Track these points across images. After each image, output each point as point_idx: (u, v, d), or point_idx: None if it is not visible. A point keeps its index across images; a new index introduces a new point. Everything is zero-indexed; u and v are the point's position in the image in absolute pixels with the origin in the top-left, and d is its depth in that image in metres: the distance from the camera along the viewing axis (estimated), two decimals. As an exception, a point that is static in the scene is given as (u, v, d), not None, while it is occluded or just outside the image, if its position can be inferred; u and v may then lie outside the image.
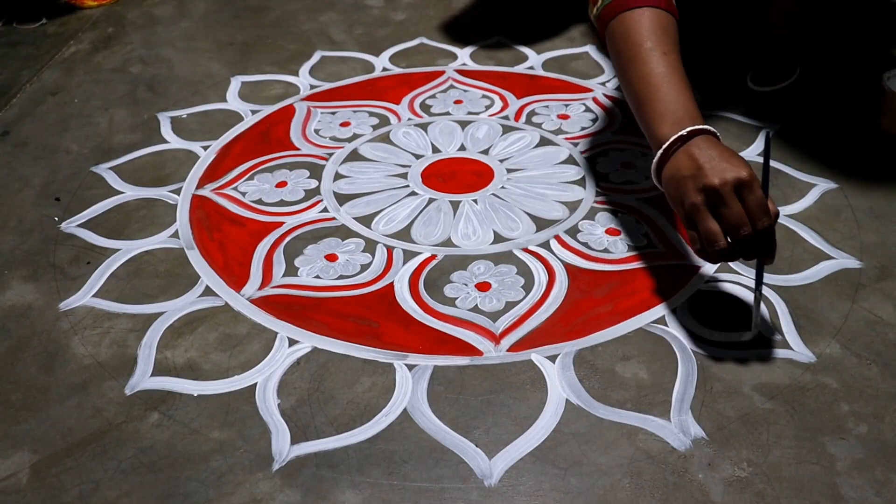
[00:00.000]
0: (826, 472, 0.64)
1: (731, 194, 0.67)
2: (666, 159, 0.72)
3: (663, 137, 0.72)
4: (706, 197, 0.68)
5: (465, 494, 0.63)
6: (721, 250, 0.68)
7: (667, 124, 0.72)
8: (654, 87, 0.74)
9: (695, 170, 0.68)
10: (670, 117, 0.72)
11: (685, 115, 0.72)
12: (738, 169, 0.67)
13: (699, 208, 0.68)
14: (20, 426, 0.69)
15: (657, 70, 0.75)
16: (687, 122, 0.71)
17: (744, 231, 0.67)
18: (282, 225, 0.92)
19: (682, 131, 0.70)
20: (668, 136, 0.71)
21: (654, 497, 0.62)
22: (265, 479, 0.64)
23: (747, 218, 0.67)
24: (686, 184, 0.69)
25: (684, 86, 0.74)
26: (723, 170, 0.67)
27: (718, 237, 0.68)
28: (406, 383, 0.72)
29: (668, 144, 0.71)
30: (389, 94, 1.18)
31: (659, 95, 0.74)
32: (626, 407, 0.69)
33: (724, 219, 0.67)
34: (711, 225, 0.68)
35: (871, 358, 0.74)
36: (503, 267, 0.85)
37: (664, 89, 0.74)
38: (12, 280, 0.85)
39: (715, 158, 0.68)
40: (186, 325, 0.79)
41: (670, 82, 0.74)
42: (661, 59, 0.75)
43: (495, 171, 1.01)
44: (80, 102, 1.18)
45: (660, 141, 0.72)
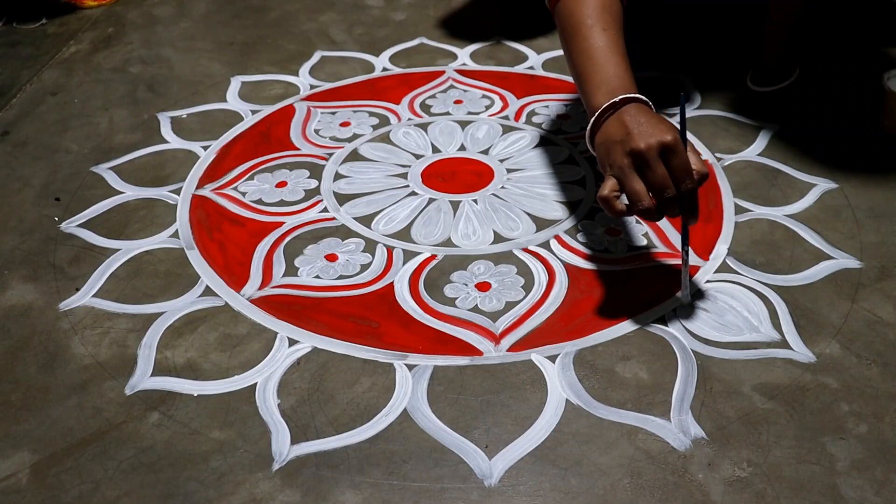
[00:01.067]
0: (826, 472, 0.64)
1: (657, 158, 0.70)
2: (598, 126, 0.75)
3: (597, 105, 0.75)
4: (633, 160, 0.71)
5: (465, 494, 0.63)
6: (646, 209, 0.71)
7: (601, 93, 0.76)
8: (592, 61, 0.78)
9: (624, 135, 0.72)
10: (605, 87, 0.76)
11: (619, 85, 0.76)
12: (664, 133, 0.70)
13: (625, 170, 0.71)
14: (20, 426, 0.69)
15: (596, 45, 0.79)
16: (620, 92, 0.75)
17: (668, 193, 0.70)
18: (282, 225, 0.92)
19: (615, 99, 0.74)
20: (601, 104, 0.75)
21: (654, 497, 0.62)
22: (265, 479, 0.64)
23: (671, 180, 0.70)
24: (615, 148, 0.72)
25: (621, 59, 0.78)
26: (649, 134, 0.70)
27: (642, 196, 0.71)
28: (406, 383, 0.72)
29: (600, 111, 0.75)
30: (389, 94, 1.18)
31: (596, 68, 0.78)
32: (626, 407, 0.69)
33: (650, 181, 0.71)
34: (637, 185, 0.71)
35: (871, 358, 0.74)
36: (503, 267, 0.85)
37: (601, 62, 0.78)
38: (12, 280, 0.85)
39: (643, 124, 0.71)
40: (186, 325, 0.79)
41: (607, 56, 0.78)
42: (601, 35, 0.79)
43: (495, 171, 1.01)
44: (80, 102, 1.18)
45: (594, 109, 0.76)
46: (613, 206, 0.72)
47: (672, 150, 0.70)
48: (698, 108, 1.12)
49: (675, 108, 0.81)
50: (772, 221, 0.91)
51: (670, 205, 0.71)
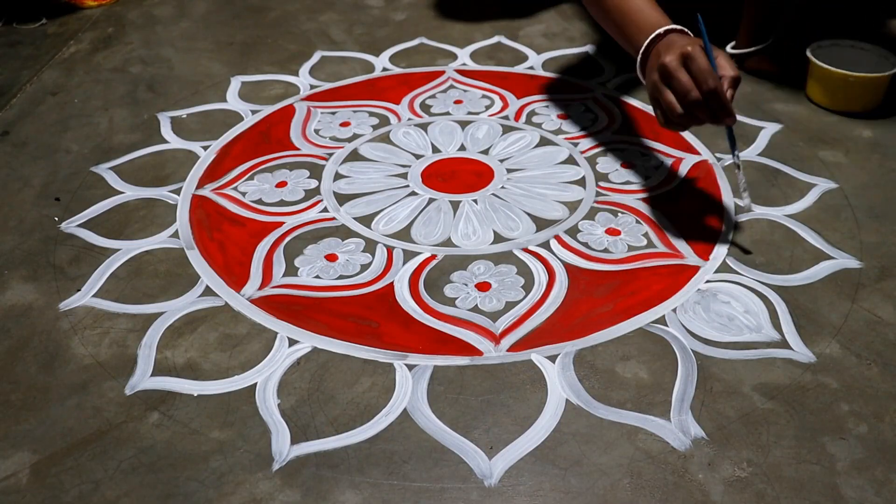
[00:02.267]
0: (826, 472, 0.64)
1: (679, 67, 0.77)
2: (644, 62, 0.83)
3: (640, 44, 0.83)
4: (660, 75, 0.78)
5: (465, 494, 0.63)
6: (680, 115, 0.77)
7: (643, 34, 0.84)
8: (627, 12, 0.86)
9: (656, 58, 0.79)
10: (645, 28, 0.84)
11: (656, 22, 0.83)
12: (683, 45, 0.77)
13: (657, 85, 0.79)
14: (20, 426, 0.69)
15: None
16: (657, 27, 0.82)
17: (692, 95, 0.76)
18: (282, 225, 0.92)
19: (654, 34, 0.82)
20: (643, 42, 0.83)
21: (654, 497, 0.62)
22: (265, 479, 0.64)
23: (693, 84, 0.76)
24: (651, 74, 0.80)
25: (652, 3, 0.86)
26: (670, 49, 0.78)
27: (674, 105, 0.77)
28: (406, 383, 0.72)
29: (644, 48, 0.83)
30: (389, 94, 1.18)
31: (633, 16, 0.85)
32: (626, 407, 0.69)
33: (674, 88, 0.77)
34: (667, 96, 0.78)
35: (871, 358, 0.74)
36: (503, 267, 0.85)
37: (636, 9, 0.86)
38: (12, 280, 0.85)
39: (670, 46, 0.79)
40: (186, 325, 0.79)
41: (642, 3, 0.86)
42: None
43: (495, 171, 1.01)
44: (80, 102, 1.18)
45: (638, 47, 0.84)
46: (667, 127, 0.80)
47: (691, 56, 0.76)
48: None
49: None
50: (772, 221, 0.91)
51: (698, 108, 0.76)
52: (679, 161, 1.02)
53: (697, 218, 0.92)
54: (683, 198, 0.95)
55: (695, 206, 0.93)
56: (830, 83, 1.09)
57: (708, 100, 0.76)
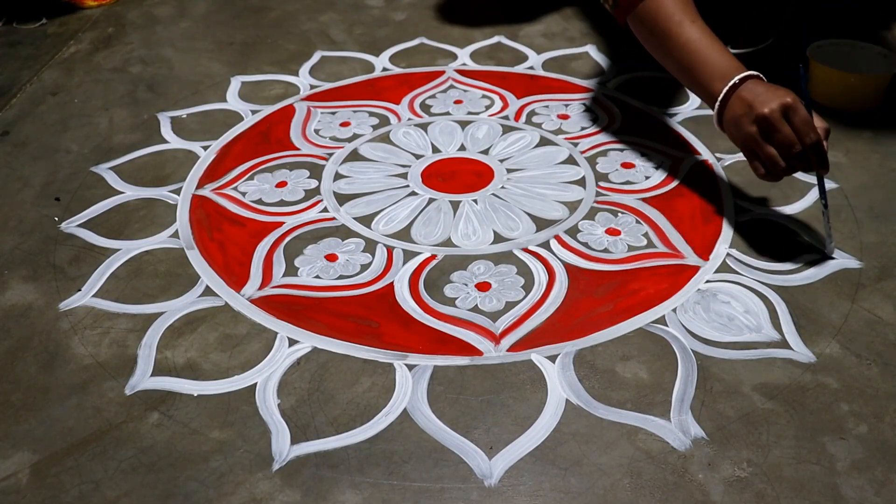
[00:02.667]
0: (826, 472, 0.64)
1: (780, 119, 0.77)
2: (724, 109, 0.83)
3: (717, 92, 0.83)
4: (759, 127, 0.79)
5: (465, 494, 0.63)
6: (784, 168, 0.79)
7: (717, 80, 0.83)
8: (695, 54, 0.85)
9: (746, 108, 0.79)
10: (718, 74, 0.83)
11: (729, 67, 0.83)
12: (783, 97, 0.78)
13: (755, 138, 0.79)
14: (20, 426, 0.69)
15: (693, 37, 0.86)
16: (733, 73, 0.82)
17: (795, 148, 0.78)
18: (282, 225, 0.92)
19: (731, 81, 0.81)
20: (720, 90, 0.82)
21: (654, 497, 0.62)
22: (265, 479, 0.64)
23: (796, 137, 0.77)
24: (742, 121, 0.80)
25: (719, 44, 0.86)
26: (769, 100, 0.78)
27: (777, 159, 0.79)
28: (406, 383, 0.72)
29: (722, 96, 0.82)
30: (389, 94, 1.18)
31: (702, 59, 0.85)
32: (626, 407, 0.69)
33: (778, 141, 0.78)
34: (769, 150, 0.79)
35: (871, 358, 0.74)
36: (503, 267, 0.85)
37: (704, 52, 0.85)
38: (12, 280, 0.85)
39: (761, 94, 0.79)
40: (186, 325, 0.79)
41: (708, 45, 0.85)
42: (693, 28, 0.87)
43: (495, 171, 1.01)
44: (80, 102, 1.18)
45: (714, 96, 0.83)
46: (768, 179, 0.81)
47: (793, 108, 0.77)
48: (698, 108, 1.13)
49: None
50: (772, 221, 0.91)
51: (799, 159, 0.78)
52: (679, 161, 1.02)
53: (697, 218, 0.92)
54: (683, 198, 0.95)
55: (695, 206, 0.93)
56: (830, 83, 1.09)
57: (809, 152, 0.78)
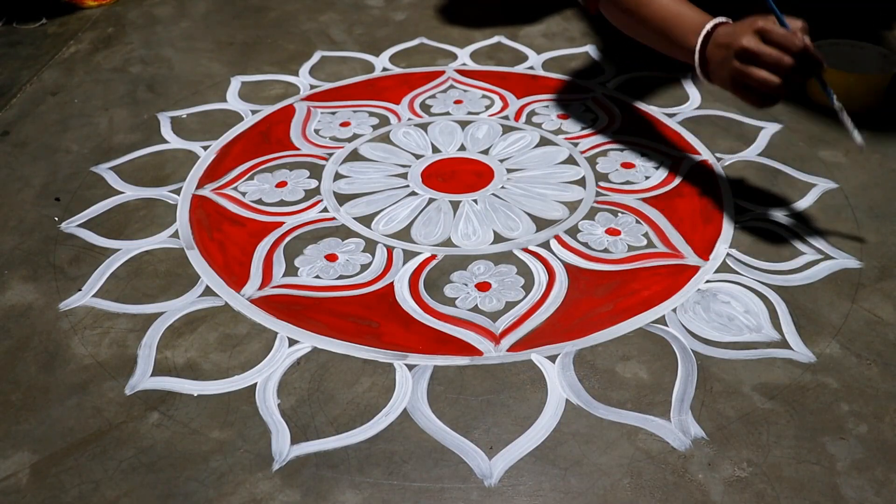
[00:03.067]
0: (826, 472, 0.64)
1: (759, 43, 0.77)
2: (704, 60, 0.84)
3: (693, 45, 0.84)
4: (742, 60, 0.78)
5: (465, 494, 0.63)
6: (778, 86, 0.77)
7: (691, 35, 0.84)
8: (665, 18, 0.87)
9: (724, 49, 0.80)
10: (690, 29, 0.84)
11: (700, 20, 0.84)
12: (752, 24, 0.78)
13: (742, 70, 0.78)
14: (20, 426, 0.69)
15: (661, 3, 0.88)
16: (704, 24, 0.83)
17: (785, 62, 0.76)
18: (282, 225, 0.92)
19: (703, 31, 0.83)
20: (695, 43, 0.83)
21: (654, 497, 0.62)
22: (265, 479, 0.64)
23: (781, 52, 0.77)
24: (725, 64, 0.80)
25: (686, 3, 0.87)
26: (742, 32, 0.78)
27: (768, 79, 0.77)
28: (406, 383, 0.72)
29: (699, 47, 0.83)
30: (389, 94, 1.18)
31: (673, 21, 0.86)
32: (626, 407, 0.69)
33: (765, 63, 0.77)
34: (758, 73, 0.77)
35: (871, 358, 0.74)
36: (503, 267, 0.85)
37: (674, 14, 0.86)
38: (12, 280, 0.85)
39: (733, 32, 0.80)
40: (186, 325, 0.79)
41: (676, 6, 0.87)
42: None
43: (495, 171, 1.01)
44: (80, 102, 1.18)
45: (692, 49, 0.84)
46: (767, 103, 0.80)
47: (766, 30, 0.77)
48: (698, 108, 1.13)
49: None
50: (772, 221, 0.91)
51: (793, 71, 0.77)
52: (679, 161, 1.02)
53: (697, 218, 0.92)
54: (683, 198, 0.95)
55: (695, 206, 0.94)
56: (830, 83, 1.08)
57: (800, 59, 0.77)
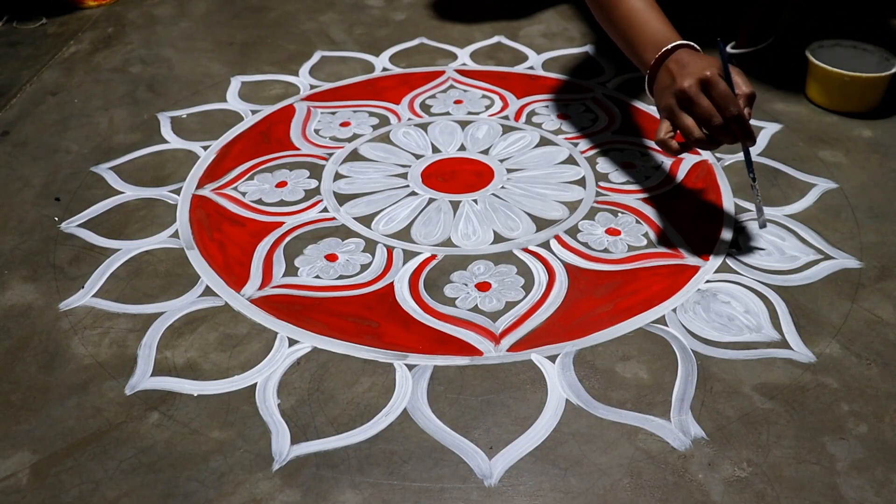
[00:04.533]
0: (826, 472, 0.64)
1: (698, 93, 0.76)
2: (653, 79, 0.83)
3: (648, 62, 0.83)
4: (677, 100, 0.78)
5: (465, 494, 0.63)
6: (698, 139, 0.77)
7: (650, 49, 0.83)
8: (634, 24, 0.86)
9: (670, 80, 0.79)
10: (651, 44, 0.83)
11: (662, 38, 0.83)
12: (703, 70, 0.76)
13: (673, 110, 0.78)
14: (20, 426, 0.69)
15: (634, 7, 0.86)
16: (665, 43, 0.82)
17: (714, 121, 0.76)
18: (282, 225, 0.92)
19: (659, 52, 0.81)
20: (650, 60, 0.82)
21: (654, 497, 0.62)
22: (265, 479, 0.64)
23: (716, 110, 0.76)
24: (664, 93, 0.79)
25: (659, 15, 0.86)
26: (688, 74, 0.77)
27: (693, 129, 0.77)
28: (406, 383, 0.72)
29: (651, 66, 0.82)
30: (389, 94, 1.18)
31: (639, 29, 0.85)
32: (626, 407, 0.69)
33: (696, 115, 0.77)
34: (686, 121, 0.77)
35: (871, 358, 0.74)
36: (503, 267, 0.85)
37: (642, 22, 0.85)
38: (12, 280, 0.85)
39: (685, 66, 0.78)
40: (186, 325, 0.79)
41: (647, 15, 0.85)
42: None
43: (495, 171, 1.01)
44: (80, 102, 1.18)
45: (646, 65, 0.83)
46: (669, 146, 0.79)
47: (710, 82, 0.75)
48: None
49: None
50: (772, 221, 0.91)
51: (720, 132, 0.77)
52: (679, 161, 1.02)
53: (697, 218, 0.92)
54: (683, 198, 0.95)
55: (695, 206, 0.94)
56: (828, 83, 1.09)
57: (730, 124, 0.76)
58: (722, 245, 0.87)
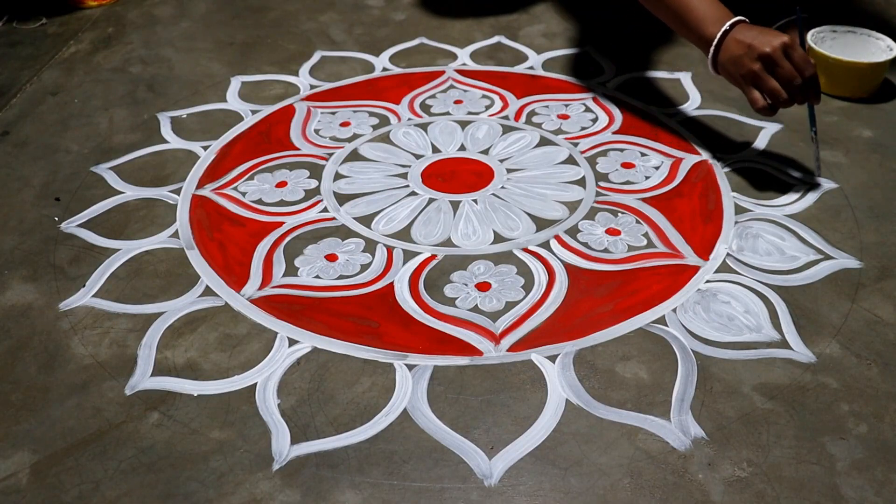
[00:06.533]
0: (826, 472, 0.64)
1: (781, 56, 0.85)
2: (718, 51, 0.90)
3: (712, 35, 0.90)
4: (762, 63, 0.86)
5: (465, 494, 0.63)
6: (784, 100, 0.86)
7: (710, 25, 0.90)
8: (687, 3, 0.92)
9: (746, 48, 0.87)
10: (710, 19, 0.90)
11: (721, 13, 0.91)
12: (780, 36, 0.86)
13: (759, 73, 0.86)
14: (20, 426, 0.69)
15: None
16: (725, 18, 0.90)
17: (796, 81, 0.86)
18: (282, 225, 0.92)
19: (725, 25, 0.89)
20: (715, 33, 0.90)
21: (654, 497, 0.62)
22: (265, 479, 0.64)
23: (795, 71, 0.86)
24: (742, 60, 0.87)
25: None
26: (769, 40, 0.85)
27: (780, 91, 0.86)
28: (406, 383, 0.72)
29: (718, 38, 0.89)
30: (389, 94, 1.18)
31: (693, 7, 0.92)
32: (626, 407, 0.69)
33: (780, 76, 0.86)
34: (773, 84, 0.86)
35: (871, 358, 0.74)
36: (503, 267, 0.85)
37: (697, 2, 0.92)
38: (12, 280, 0.85)
39: (758, 35, 0.87)
40: (186, 325, 0.79)
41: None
42: None
43: (495, 171, 1.01)
44: (80, 102, 1.18)
45: (710, 38, 0.90)
46: (767, 110, 0.88)
47: (791, 46, 0.85)
48: (699, 108, 1.13)
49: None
50: (772, 221, 0.91)
51: (798, 92, 0.86)
52: (679, 161, 1.02)
53: (697, 218, 0.92)
54: (683, 198, 0.95)
55: (695, 206, 0.94)
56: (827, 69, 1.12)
57: (807, 85, 0.86)
58: (722, 245, 0.87)
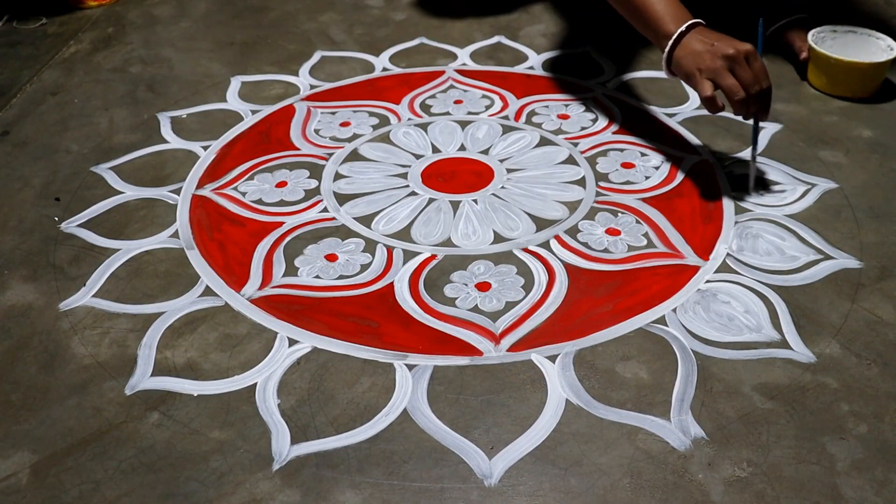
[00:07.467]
0: (826, 472, 0.64)
1: (744, 61, 0.86)
2: (675, 46, 0.90)
3: (671, 32, 0.90)
4: (727, 61, 0.86)
5: (465, 494, 0.63)
6: (742, 100, 0.86)
7: (669, 22, 0.91)
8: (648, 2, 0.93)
9: (709, 45, 0.87)
10: (670, 17, 0.91)
11: (681, 13, 0.92)
12: (745, 43, 0.87)
13: (720, 70, 0.86)
14: (20, 426, 0.69)
15: None
16: (685, 18, 0.91)
17: (755, 88, 0.86)
18: (282, 225, 0.92)
19: (683, 26, 0.90)
20: (674, 31, 0.90)
21: (654, 497, 0.62)
22: (265, 479, 0.64)
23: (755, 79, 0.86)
24: (703, 55, 0.87)
25: None
26: (734, 44, 0.86)
27: (738, 89, 0.86)
28: (406, 383, 0.72)
29: (676, 35, 0.90)
30: (389, 94, 1.18)
31: (655, 5, 0.92)
32: (626, 407, 0.69)
33: (741, 78, 0.86)
34: (732, 80, 0.86)
35: (871, 358, 0.74)
36: (503, 267, 0.85)
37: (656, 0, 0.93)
38: (12, 280, 0.85)
39: (722, 38, 0.88)
40: (186, 325, 0.79)
41: None
42: None
43: (495, 171, 1.01)
44: (80, 102, 1.18)
45: (668, 34, 0.90)
46: (717, 103, 0.87)
47: (754, 55, 0.86)
48: (698, 108, 1.13)
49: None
50: (772, 221, 0.91)
51: (755, 99, 0.86)
52: (679, 161, 1.02)
53: (697, 218, 0.92)
54: (683, 198, 0.95)
55: (695, 206, 0.94)
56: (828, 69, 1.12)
57: (763, 95, 0.87)
58: (722, 245, 0.87)
